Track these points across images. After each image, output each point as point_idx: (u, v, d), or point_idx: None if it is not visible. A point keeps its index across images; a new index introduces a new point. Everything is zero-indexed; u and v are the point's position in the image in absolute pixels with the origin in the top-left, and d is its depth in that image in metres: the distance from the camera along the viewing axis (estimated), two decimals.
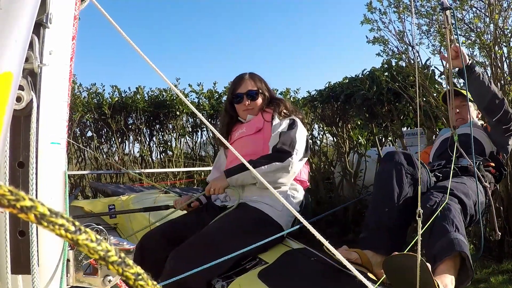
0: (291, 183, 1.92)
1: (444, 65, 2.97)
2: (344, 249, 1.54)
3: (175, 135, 6.81)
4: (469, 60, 2.03)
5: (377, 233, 1.63)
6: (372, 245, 1.58)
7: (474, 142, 1.92)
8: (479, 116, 2.53)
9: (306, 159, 1.97)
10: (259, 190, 1.83)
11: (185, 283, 1.46)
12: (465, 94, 2.24)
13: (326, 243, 0.89)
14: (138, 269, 0.38)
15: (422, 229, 1.22)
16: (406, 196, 1.72)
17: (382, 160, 1.91)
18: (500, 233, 1.94)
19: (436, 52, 3.78)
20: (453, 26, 2.01)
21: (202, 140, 7.16)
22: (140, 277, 0.38)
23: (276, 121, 1.97)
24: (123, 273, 0.37)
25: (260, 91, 2.07)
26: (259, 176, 0.95)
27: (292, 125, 1.94)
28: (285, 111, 2.02)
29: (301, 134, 1.93)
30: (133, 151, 6.76)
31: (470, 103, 2.31)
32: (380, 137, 4.35)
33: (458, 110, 2.40)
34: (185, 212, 2.11)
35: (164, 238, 1.79)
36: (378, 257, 1.53)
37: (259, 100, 2.07)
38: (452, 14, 1.98)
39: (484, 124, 2.35)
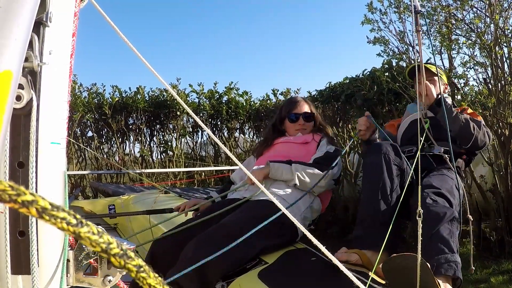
0: (315, 198, 2.00)
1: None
2: (343, 251, 1.53)
3: (175, 135, 6.80)
4: (438, 95, 2.07)
5: (373, 230, 1.62)
6: (370, 244, 1.57)
7: (444, 127, 1.89)
8: (447, 90, 2.42)
9: (335, 186, 2.11)
10: (286, 188, 1.90)
11: (205, 271, 1.46)
12: (433, 69, 2.19)
13: (322, 248, 0.87)
14: (140, 261, 0.38)
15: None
16: (396, 188, 1.74)
17: (370, 151, 1.91)
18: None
19: (436, 52, 3.78)
20: (424, 29, 1.99)
21: (202, 140, 7.15)
22: (142, 269, 0.38)
23: (324, 143, 2.16)
24: (125, 265, 0.37)
25: (314, 114, 2.30)
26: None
27: (337, 152, 2.12)
28: (330, 138, 2.23)
29: (340, 162, 2.08)
30: (134, 151, 6.75)
31: (436, 78, 2.22)
32: None
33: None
34: (188, 214, 2.09)
35: (176, 244, 1.70)
36: (377, 255, 1.52)
37: (312, 123, 2.28)
38: (423, 17, 1.97)
39: (459, 109, 2.20)
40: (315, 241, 0.82)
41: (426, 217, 1.54)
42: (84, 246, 0.77)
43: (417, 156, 1.73)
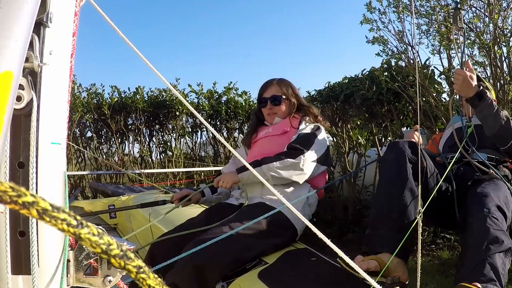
0: (309, 188, 1.92)
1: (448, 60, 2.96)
2: (360, 259, 1.47)
3: (174, 135, 6.80)
4: (480, 87, 1.87)
5: (387, 231, 1.55)
6: (384, 246, 1.51)
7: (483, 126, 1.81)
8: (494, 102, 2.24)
9: (324, 168, 1.97)
10: (280, 190, 1.83)
11: (202, 272, 1.46)
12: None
13: (340, 252, 0.82)
14: (140, 262, 0.38)
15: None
16: (411, 185, 1.63)
17: (387, 149, 1.82)
18: None
19: (435, 52, 3.79)
20: (464, 27, 1.93)
21: (202, 140, 7.15)
22: (141, 270, 0.38)
23: (303, 126, 2.01)
24: (125, 267, 0.37)
25: (284, 96, 2.10)
26: (259, 176, 0.93)
27: (315, 130, 1.98)
28: (312, 118, 2.07)
29: (321, 139, 1.95)
30: (133, 152, 6.75)
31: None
32: (380, 137, 4.35)
33: None
34: (187, 212, 2.10)
35: (176, 245, 1.69)
36: (394, 257, 1.45)
37: (283, 106, 2.10)
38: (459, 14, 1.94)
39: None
40: (331, 244, 0.80)
41: (483, 236, 1.46)
42: (84, 246, 0.77)
43: (418, 155, 1.72)
